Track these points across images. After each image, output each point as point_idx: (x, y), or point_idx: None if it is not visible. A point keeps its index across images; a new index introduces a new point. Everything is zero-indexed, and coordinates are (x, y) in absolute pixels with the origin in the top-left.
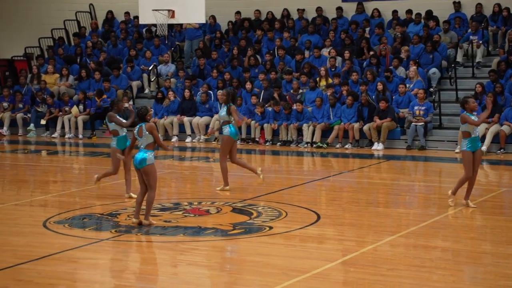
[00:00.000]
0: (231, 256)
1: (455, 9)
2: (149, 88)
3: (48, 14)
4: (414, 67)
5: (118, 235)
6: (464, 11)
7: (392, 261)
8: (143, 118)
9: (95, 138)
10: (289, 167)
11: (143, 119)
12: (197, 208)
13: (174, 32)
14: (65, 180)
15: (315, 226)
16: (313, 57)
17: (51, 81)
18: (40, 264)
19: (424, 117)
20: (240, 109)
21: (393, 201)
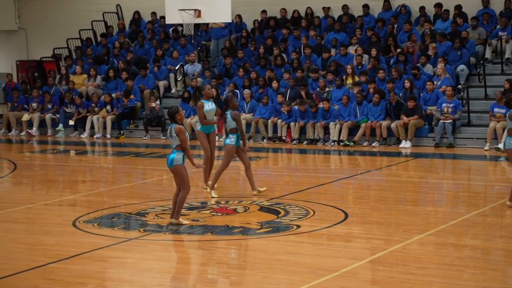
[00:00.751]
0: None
1: (484, 5)
2: (175, 87)
3: (76, 15)
4: (442, 64)
5: (146, 234)
6: (493, 7)
7: (422, 260)
8: (173, 119)
9: (123, 138)
10: (316, 166)
11: (173, 119)
12: (224, 207)
13: (200, 31)
14: (94, 179)
15: (343, 225)
16: (339, 55)
17: (79, 82)
18: (70, 263)
19: (452, 115)
20: (266, 108)
21: (422, 199)
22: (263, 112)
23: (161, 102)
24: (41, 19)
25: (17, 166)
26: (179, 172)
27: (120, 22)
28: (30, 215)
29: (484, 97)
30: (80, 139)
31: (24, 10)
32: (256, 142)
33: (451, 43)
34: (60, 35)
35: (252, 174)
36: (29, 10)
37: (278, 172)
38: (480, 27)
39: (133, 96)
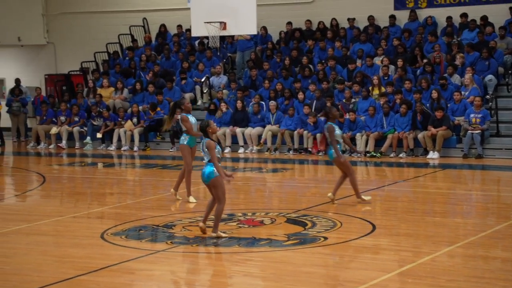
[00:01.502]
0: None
1: (511, 15)
2: (201, 99)
3: (103, 29)
4: (470, 74)
5: (174, 246)
6: None
7: (451, 272)
8: (205, 132)
9: (149, 150)
10: None
11: (205, 133)
12: (251, 219)
13: (226, 43)
14: (121, 192)
15: (371, 237)
16: (365, 66)
17: (107, 95)
18: (99, 276)
19: (481, 125)
20: (292, 119)
21: (450, 211)
22: (289, 123)
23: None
24: (69, 34)
25: (46, 179)
26: (219, 183)
27: (147, 35)
28: (59, 228)
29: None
30: (107, 152)
31: (53, 25)
32: (282, 153)
33: (478, 53)
34: (87, 49)
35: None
36: (57, 24)
37: (305, 184)
38: (508, 37)
39: (159, 108)
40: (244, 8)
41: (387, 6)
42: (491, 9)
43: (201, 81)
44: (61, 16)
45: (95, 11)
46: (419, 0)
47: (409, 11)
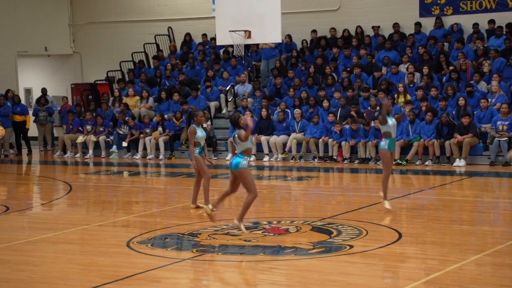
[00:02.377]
0: (313, 276)
1: None
2: (226, 108)
3: (129, 38)
4: (497, 81)
5: (199, 254)
6: None
7: (479, 281)
8: (237, 124)
9: (174, 159)
10: (368, 185)
11: (237, 125)
12: (276, 227)
13: (251, 52)
14: (147, 200)
15: (397, 245)
16: (390, 73)
17: (132, 104)
18: (125, 284)
19: (508, 132)
20: (317, 127)
21: (478, 219)
22: (313, 131)
23: (212, 123)
24: (95, 43)
25: (72, 187)
26: (244, 175)
27: (172, 44)
28: (85, 236)
29: None
30: (133, 160)
31: (79, 34)
32: (307, 161)
33: (505, 60)
34: (113, 58)
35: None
36: (83, 34)
37: (330, 192)
38: None
39: (183, 117)
40: (268, 16)
41: (412, 13)
42: None
43: (226, 90)
44: (87, 25)
45: (120, 21)
46: (444, 7)
47: (435, 18)
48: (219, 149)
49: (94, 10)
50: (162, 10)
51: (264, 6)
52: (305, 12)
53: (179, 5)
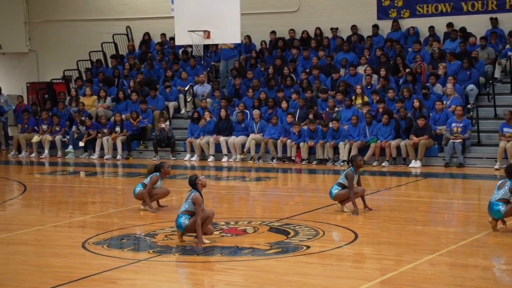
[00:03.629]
0: (270, 276)
1: (492, 25)
2: (185, 108)
3: (86, 37)
4: (451, 83)
5: (156, 255)
6: (501, 26)
7: (432, 281)
8: (194, 185)
9: (132, 159)
10: (325, 186)
11: (194, 186)
12: (234, 228)
13: (210, 52)
14: (103, 201)
15: (353, 245)
16: (348, 75)
17: (89, 103)
18: (80, 285)
19: (462, 134)
20: (275, 128)
21: (432, 219)
22: (272, 132)
23: (170, 123)
24: (51, 41)
25: (27, 188)
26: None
27: (130, 44)
28: (40, 237)
29: (494, 117)
30: (90, 160)
31: (35, 32)
32: (266, 162)
33: (460, 62)
34: (70, 57)
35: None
36: (39, 32)
37: (288, 193)
38: (489, 47)
39: (140, 117)
40: (228, 17)
41: (370, 16)
42: (473, 20)
43: (184, 90)
44: (44, 24)
45: (78, 19)
46: (401, 10)
47: (392, 21)
48: (177, 149)
49: (51, 8)
50: (121, 9)
51: (223, 7)
52: (265, 13)
53: (138, 4)
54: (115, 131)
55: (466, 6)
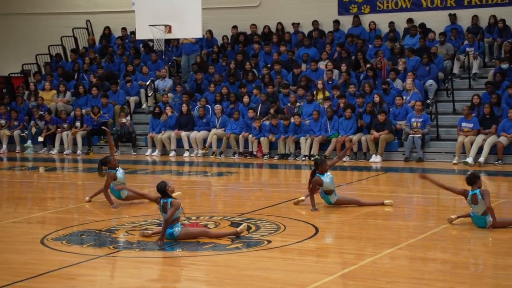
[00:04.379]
0: (230, 271)
1: (451, 21)
2: (146, 103)
3: (45, 30)
4: (411, 79)
5: (116, 251)
6: (460, 23)
7: (392, 274)
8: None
9: (92, 154)
10: (287, 181)
11: (165, 193)
12: (195, 223)
13: (171, 47)
14: (63, 196)
15: (314, 240)
16: (310, 70)
17: (48, 98)
18: (38, 282)
19: (422, 129)
20: (237, 123)
21: (392, 214)
22: (234, 127)
23: (131, 118)
24: (10, 35)
25: None
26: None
27: (90, 38)
28: None
29: (452, 112)
30: (49, 156)
31: None
32: (227, 157)
33: (420, 58)
34: (29, 51)
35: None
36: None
37: (249, 187)
38: (448, 43)
39: (101, 112)
40: (189, 12)
41: (331, 11)
42: (432, 16)
43: (146, 85)
44: (2, 17)
45: (37, 13)
46: (362, 6)
47: (353, 17)
48: (138, 144)
49: (9, 1)
50: (81, 3)
51: (185, 1)
52: (226, 8)
53: None
54: (75, 126)
55: (426, 2)
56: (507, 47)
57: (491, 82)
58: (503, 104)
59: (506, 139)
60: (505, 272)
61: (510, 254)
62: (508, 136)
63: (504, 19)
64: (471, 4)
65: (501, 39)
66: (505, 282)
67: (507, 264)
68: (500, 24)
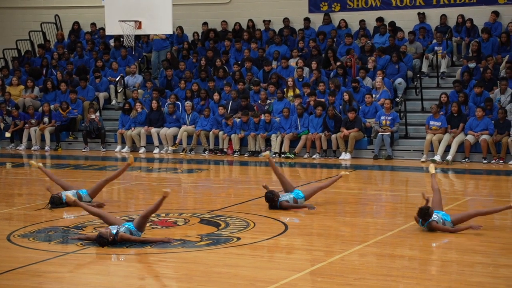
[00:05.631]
0: (200, 268)
1: (420, 20)
2: (116, 99)
3: (13, 25)
4: (380, 77)
5: (84, 248)
6: (429, 22)
7: (360, 271)
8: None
9: (61, 150)
10: (257, 178)
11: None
12: (164, 220)
13: (141, 43)
14: (31, 192)
15: (283, 236)
16: (280, 67)
17: (16, 93)
18: (4, 279)
19: (391, 127)
20: (208, 120)
21: (361, 211)
22: (204, 124)
23: (101, 114)
24: None
25: None
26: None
27: (59, 33)
28: None
29: (421, 110)
30: (16, 151)
31: None
32: (198, 154)
33: (389, 56)
34: None
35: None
36: None
37: (219, 184)
38: (417, 41)
39: (70, 108)
40: (159, 7)
41: (302, 9)
42: (401, 14)
43: (115, 81)
44: None
45: (3, 7)
46: (332, 4)
47: (323, 14)
48: (107, 140)
49: None
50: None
51: None
52: (197, 4)
53: None
54: (43, 121)
55: (395, 1)
56: (474, 46)
57: (458, 81)
58: (470, 103)
59: (473, 137)
60: (471, 269)
61: (476, 251)
62: (475, 134)
63: (471, 19)
64: (439, 4)
65: (469, 38)
66: (471, 279)
67: (473, 261)
68: (468, 23)
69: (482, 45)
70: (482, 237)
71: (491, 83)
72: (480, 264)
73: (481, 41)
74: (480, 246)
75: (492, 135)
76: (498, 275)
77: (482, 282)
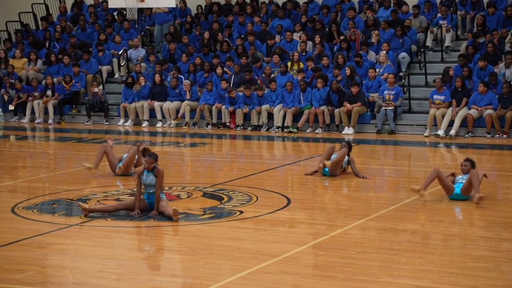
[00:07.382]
0: (202, 241)
1: None
2: (119, 73)
3: None
4: (384, 51)
5: (88, 220)
6: None
7: (362, 244)
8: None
9: (64, 123)
10: (260, 152)
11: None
12: (167, 193)
13: (144, 16)
14: (34, 165)
15: (286, 210)
16: (284, 41)
17: (19, 66)
18: (9, 250)
19: (394, 102)
20: (211, 94)
21: (363, 185)
22: (207, 98)
23: (104, 87)
24: None
25: None
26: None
27: (62, 5)
28: None
29: (425, 84)
30: (20, 124)
31: None
32: (201, 128)
33: (393, 30)
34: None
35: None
36: None
37: (222, 158)
38: (421, 15)
39: (73, 81)
40: None
41: None
42: None
43: (118, 54)
44: None
45: None
46: None
47: None
48: (111, 114)
49: None
50: None
51: None
52: None
53: None
54: (46, 94)
55: None
56: (479, 20)
57: (463, 55)
58: (474, 77)
59: (476, 111)
60: (473, 242)
61: (478, 226)
62: (478, 109)
63: None
64: None
65: (474, 12)
66: (473, 252)
67: (476, 235)
68: None
69: (487, 18)
70: (484, 211)
71: (496, 57)
72: (483, 238)
73: (486, 14)
74: (482, 221)
75: (496, 109)
76: (501, 248)
77: (485, 256)
